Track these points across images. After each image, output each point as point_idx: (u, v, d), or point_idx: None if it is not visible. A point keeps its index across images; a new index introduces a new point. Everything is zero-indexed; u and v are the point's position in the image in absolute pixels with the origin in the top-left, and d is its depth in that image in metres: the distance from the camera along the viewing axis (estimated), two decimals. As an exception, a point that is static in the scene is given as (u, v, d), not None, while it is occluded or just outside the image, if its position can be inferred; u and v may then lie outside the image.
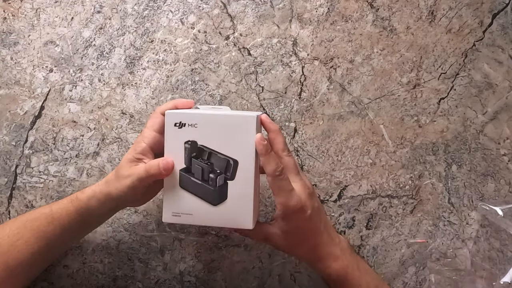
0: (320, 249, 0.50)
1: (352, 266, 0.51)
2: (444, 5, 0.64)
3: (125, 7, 0.63)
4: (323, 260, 0.50)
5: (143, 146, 0.49)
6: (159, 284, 0.61)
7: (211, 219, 0.47)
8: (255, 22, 0.63)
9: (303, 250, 0.50)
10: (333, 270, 0.50)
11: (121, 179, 0.48)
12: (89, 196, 0.49)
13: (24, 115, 0.62)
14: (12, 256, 0.47)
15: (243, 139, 0.46)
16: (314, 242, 0.50)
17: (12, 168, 0.61)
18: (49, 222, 0.49)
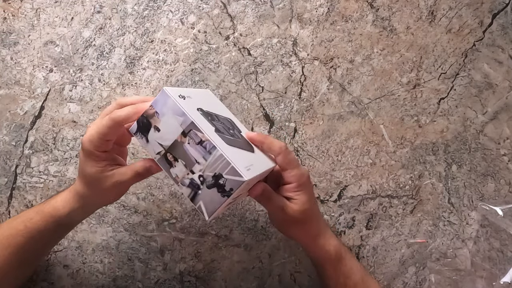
0: (321, 224, 0.52)
1: (343, 246, 0.53)
2: (444, 5, 0.64)
3: (125, 7, 0.63)
4: (323, 235, 0.52)
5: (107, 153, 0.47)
6: (159, 284, 0.61)
7: (262, 164, 0.47)
8: (255, 22, 0.63)
9: (309, 223, 0.51)
10: (332, 247, 0.51)
11: (103, 191, 0.47)
12: (67, 213, 0.48)
13: (24, 115, 0.62)
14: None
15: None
16: (317, 216, 0.52)
17: (12, 168, 0.61)
18: (28, 239, 0.48)
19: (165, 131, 0.43)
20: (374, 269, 0.62)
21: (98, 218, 0.61)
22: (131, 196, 0.61)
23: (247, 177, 0.41)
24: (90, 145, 0.44)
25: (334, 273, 0.52)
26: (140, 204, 0.61)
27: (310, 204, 0.49)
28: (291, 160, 0.48)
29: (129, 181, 0.46)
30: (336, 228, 0.62)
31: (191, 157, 0.42)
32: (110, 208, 0.61)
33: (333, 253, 0.51)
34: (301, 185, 0.48)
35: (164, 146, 0.43)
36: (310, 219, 0.50)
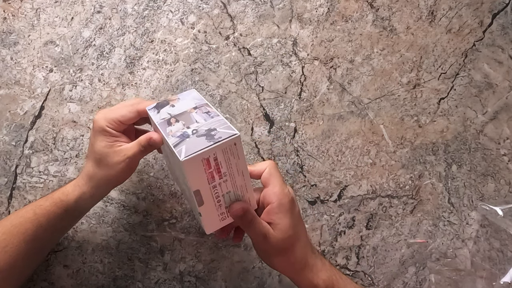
0: (308, 255, 0.48)
1: (335, 275, 0.49)
2: (444, 5, 0.64)
3: (125, 7, 0.63)
4: (311, 267, 0.47)
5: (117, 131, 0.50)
6: (159, 284, 0.61)
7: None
8: (255, 22, 0.63)
9: (293, 253, 0.47)
10: (321, 281, 0.47)
11: (112, 166, 0.48)
12: (76, 198, 0.49)
13: (24, 115, 0.62)
14: (4, 261, 0.47)
15: None
16: (304, 245, 0.47)
17: (12, 168, 0.61)
18: (37, 226, 0.48)
19: (179, 107, 0.47)
20: (374, 269, 0.62)
21: (98, 218, 0.61)
22: (131, 196, 0.61)
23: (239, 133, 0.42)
24: (104, 122, 0.48)
25: None
26: (140, 204, 0.61)
27: (294, 230, 0.45)
28: (275, 176, 0.46)
29: (136, 155, 0.47)
30: (336, 228, 0.62)
31: (193, 118, 0.45)
32: (110, 208, 0.61)
33: (322, 287, 0.47)
34: (282, 205, 0.44)
35: (171, 114, 0.46)
36: (293, 248, 0.46)
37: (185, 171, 0.40)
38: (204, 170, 0.41)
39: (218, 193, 0.43)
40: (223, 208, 0.45)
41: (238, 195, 0.45)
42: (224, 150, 0.41)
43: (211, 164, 0.41)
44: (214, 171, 0.42)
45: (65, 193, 0.50)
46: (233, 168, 0.43)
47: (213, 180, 0.42)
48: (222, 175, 0.42)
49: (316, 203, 0.62)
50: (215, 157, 0.41)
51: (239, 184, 0.44)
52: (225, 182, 0.43)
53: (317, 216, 0.62)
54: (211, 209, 0.44)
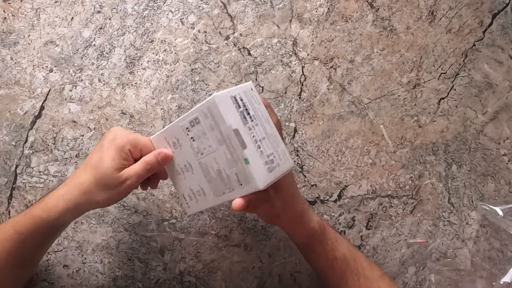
0: (303, 203, 0.51)
1: (323, 220, 0.53)
2: (444, 5, 0.64)
3: (125, 7, 0.63)
4: (307, 212, 0.51)
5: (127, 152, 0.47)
6: (159, 284, 0.61)
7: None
8: (255, 22, 0.63)
9: (295, 205, 0.50)
10: (315, 223, 0.50)
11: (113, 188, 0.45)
12: (58, 216, 0.46)
13: (24, 115, 0.62)
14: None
15: None
16: (299, 196, 0.51)
17: (12, 168, 0.61)
18: (18, 243, 0.46)
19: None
20: (374, 269, 0.62)
21: (98, 218, 0.61)
22: (131, 196, 0.61)
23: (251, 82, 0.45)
24: (126, 141, 0.46)
25: (322, 248, 0.51)
26: (140, 204, 0.61)
27: (293, 188, 0.49)
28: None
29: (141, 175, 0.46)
30: (336, 228, 0.62)
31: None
32: (110, 208, 0.61)
33: (318, 229, 0.50)
34: None
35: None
36: (293, 204, 0.49)
37: (220, 110, 0.41)
38: (235, 108, 0.42)
39: (255, 137, 0.42)
40: (266, 156, 0.43)
41: (274, 142, 0.44)
42: (245, 92, 0.43)
43: (239, 103, 0.43)
44: (244, 111, 0.43)
45: (46, 209, 0.46)
46: (258, 113, 0.44)
47: (246, 120, 0.42)
48: (252, 118, 0.43)
49: (316, 203, 0.62)
50: (241, 97, 0.43)
51: (270, 132, 0.44)
52: (257, 126, 0.43)
53: (317, 216, 0.62)
54: (256, 155, 0.42)
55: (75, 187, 0.46)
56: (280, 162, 0.43)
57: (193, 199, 0.49)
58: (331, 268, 0.51)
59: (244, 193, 0.43)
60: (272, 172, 0.43)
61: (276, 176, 0.43)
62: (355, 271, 0.50)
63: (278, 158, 0.43)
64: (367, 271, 0.51)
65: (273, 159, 0.43)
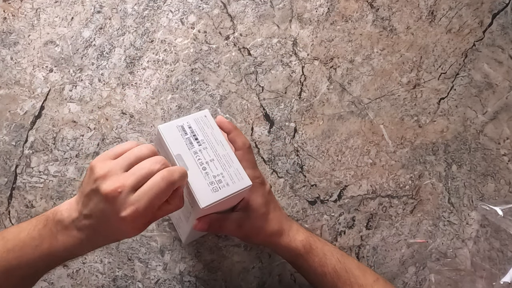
0: (283, 223, 0.50)
1: (312, 236, 0.52)
2: (444, 5, 0.64)
3: (125, 7, 0.63)
4: (287, 233, 0.50)
5: None
6: (159, 284, 0.61)
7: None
8: (255, 22, 0.63)
9: (269, 226, 0.49)
10: (298, 242, 0.50)
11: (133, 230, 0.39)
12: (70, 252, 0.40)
13: (24, 115, 0.62)
14: None
15: None
16: (278, 216, 0.50)
17: (12, 168, 0.61)
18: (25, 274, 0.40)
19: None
20: (374, 269, 0.62)
21: (98, 218, 0.61)
22: (131, 196, 0.61)
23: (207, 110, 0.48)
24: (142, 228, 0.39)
25: (309, 266, 0.50)
26: (140, 204, 0.61)
27: (266, 207, 0.48)
28: (248, 160, 0.48)
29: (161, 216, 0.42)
30: (336, 228, 0.62)
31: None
32: (110, 208, 0.61)
33: (301, 248, 0.50)
34: (253, 187, 0.47)
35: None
36: (267, 222, 0.49)
37: (165, 139, 0.44)
38: (181, 135, 0.45)
39: (201, 160, 0.44)
40: (212, 177, 0.44)
41: (225, 163, 0.45)
42: (196, 119, 0.47)
43: (186, 131, 0.46)
44: (190, 137, 0.46)
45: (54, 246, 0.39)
46: (209, 137, 0.46)
47: (192, 145, 0.45)
48: (200, 142, 0.46)
49: (316, 203, 0.62)
50: (189, 125, 0.46)
51: (222, 153, 0.46)
52: (205, 149, 0.45)
53: (317, 216, 0.62)
54: (198, 176, 0.43)
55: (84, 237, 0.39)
56: (231, 182, 0.44)
57: (179, 227, 0.51)
58: (322, 283, 0.50)
59: (198, 215, 0.45)
60: (218, 192, 0.43)
61: (224, 195, 0.43)
62: (348, 282, 0.50)
63: (229, 177, 0.44)
64: (360, 279, 0.50)
65: (221, 179, 0.44)
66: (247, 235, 0.50)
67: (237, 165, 0.46)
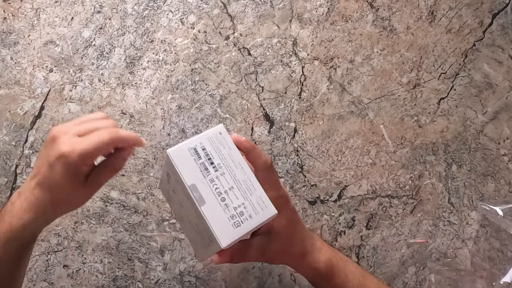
0: (306, 242, 0.48)
1: (335, 256, 0.50)
2: (444, 5, 0.64)
3: (125, 7, 0.63)
4: (310, 253, 0.48)
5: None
6: (159, 284, 0.61)
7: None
8: (255, 22, 0.63)
9: (293, 248, 0.48)
10: (321, 263, 0.48)
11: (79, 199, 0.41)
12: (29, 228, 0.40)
13: (24, 115, 0.62)
14: None
15: None
16: (301, 236, 0.48)
17: (12, 168, 0.61)
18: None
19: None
20: (374, 269, 0.62)
21: (98, 218, 0.61)
22: (131, 196, 0.61)
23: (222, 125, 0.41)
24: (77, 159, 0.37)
25: (330, 287, 0.49)
26: (140, 204, 0.61)
27: (290, 229, 0.45)
28: (271, 180, 0.44)
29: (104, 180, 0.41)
30: (336, 228, 0.62)
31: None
32: (110, 208, 0.61)
33: (323, 270, 0.48)
34: (277, 209, 0.42)
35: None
36: (291, 244, 0.46)
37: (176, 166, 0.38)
38: (194, 160, 0.39)
39: (219, 189, 0.39)
40: (232, 209, 0.39)
41: (246, 190, 0.40)
42: (211, 138, 0.40)
43: (200, 154, 0.39)
44: (205, 162, 0.39)
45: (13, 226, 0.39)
46: (227, 160, 0.40)
47: (208, 172, 0.39)
48: (217, 167, 0.40)
49: (316, 203, 0.62)
50: (203, 146, 0.40)
51: (242, 179, 0.40)
52: (222, 175, 0.39)
53: (317, 216, 0.62)
54: (217, 210, 0.38)
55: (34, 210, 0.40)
56: (254, 213, 0.39)
57: (196, 246, 0.46)
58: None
59: (215, 250, 0.39)
60: (240, 226, 0.38)
61: (246, 231, 0.38)
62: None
63: (251, 208, 0.39)
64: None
65: (242, 211, 0.39)
66: (270, 259, 0.47)
67: (259, 191, 0.40)
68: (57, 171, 0.38)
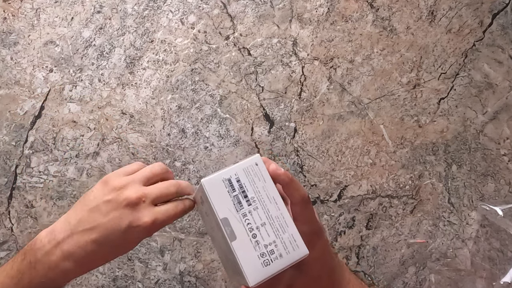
0: (336, 275, 0.47)
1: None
2: (444, 5, 0.64)
3: (125, 7, 0.63)
4: (338, 286, 0.46)
5: None
6: (159, 284, 0.61)
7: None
8: (255, 22, 0.63)
9: (321, 282, 0.46)
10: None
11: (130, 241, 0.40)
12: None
13: (24, 115, 0.62)
14: None
15: None
16: (331, 268, 0.46)
17: (12, 168, 0.61)
18: None
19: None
20: (374, 269, 0.62)
21: (98, 218, 0.61)
22: (131, 196, 0.61)
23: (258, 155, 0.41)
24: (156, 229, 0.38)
25: None
26: (140, 204, 0.61)
27: (320, 262, 0.44)
28: (307, 215, 0.42)
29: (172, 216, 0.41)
30: (336, 228, 0.62)
31: None
32: (110, 208, 0.61)
33: None
34: (309, 244, 0.40)
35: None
36: (321, 277, 0.45)
37: (209, 196, 0.38)
38: (228, 192, 0.39)
39: (251, 225, 0.39)
40: (263, 247, 0.38)
41: (279, 227, 0.39)
42: (246, 169, 0.40)
43: (235, 186, 0.39)
44: (239, 195, 0.39)
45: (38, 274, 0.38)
46: (261, 193, 0.40)
47: (241, 205, 0.39)
48: (250, 201, 0.39)
49: (316, 203, 0.62)
50: (238, 178, 0.39)
51: (274, 215, 0.39)
52: (256, 210, 0.39)
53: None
54: (247, 247, 0.38)
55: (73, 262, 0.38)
56: (284, 252, 0.38)
57: (225, 266, 0.45)
58: None
59: (243, 283, 0.38)
60: (270, 266, 0.37)
61: (275, 271, 0.38)
62: None
63: (282, 247, 0.38)
64: None
65: (273, 249, 0.38)
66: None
67: (292, 229, 0.39)
68: (129, 237, 0.38)
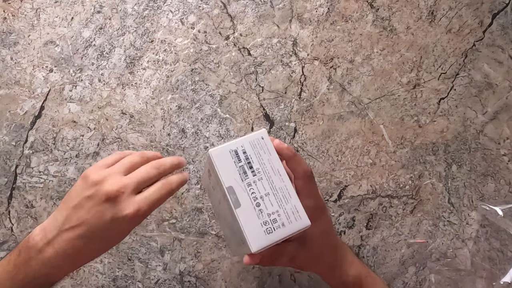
0: (338, 254, 0.48)
1: (364, 272, 0.50)
2: (444, 5, 0.64)
3: (125, 7, 0.63)
4: (340, 265, 0.48)
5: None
6: (159, 284, 0.61)
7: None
8: (255, 22, 0.63)
9: (324, 257, 0.47)
10: (350, 277, 0.48)
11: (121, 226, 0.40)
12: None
13: (24, 115, 0.62)
14: None
15: None
16: (333, 246, 0.48)
17: (12, 168, 0.61)
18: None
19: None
20: (374, 269, 0.62)
21: (98, 218, 0.61)
22: (131, 196, 0.61)
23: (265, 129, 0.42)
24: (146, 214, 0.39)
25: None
26: (140, 204, 0.61)
27: (323, 239, 0.45)
28: (310, 189, 0.43)
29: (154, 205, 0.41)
30: (336, 228, 0.62)
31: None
32: (110, 208, 0.61)
33: (351, 284, 0.48)
34: (312, 218, 0.42)
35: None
36: (322, 254, 0.46)
37: (216, 165, 0.39)
38: (234, 163, 0.40)
39: (255, 194, 0.40)
40: (266, 216, 0.39)
41: (282, 198, 0.40)
42: (252, 142, 0.41)
43: (241, 157, 0.40)
44: (245, 166, 0.40)
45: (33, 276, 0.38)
46: (266, 165, 0.41)
47: (246, 175, 0.40)
48: (255, 172, 0.40)
49: (316, 203, 0.62)
50: (244, 149, 0.41)
51: (278, 186, 0.40)
52: (260, 180, 0.40)
53: (317, 216, 0.62)
54: (251, 214, 0.39)
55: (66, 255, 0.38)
56: (287, 222, 0.40)
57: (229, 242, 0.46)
58: None
59: (247, 251, 0.40)
60: (272, 234, 0.39)
61: (277, 239, 0.39)
62: None
63: (285, 217, 0.40)
64: None
65: (275, 218, 0.39)
66: (300, 266, 0.48)
67: (295, 200, 0.40)
68: (115, 230, 0.39)
